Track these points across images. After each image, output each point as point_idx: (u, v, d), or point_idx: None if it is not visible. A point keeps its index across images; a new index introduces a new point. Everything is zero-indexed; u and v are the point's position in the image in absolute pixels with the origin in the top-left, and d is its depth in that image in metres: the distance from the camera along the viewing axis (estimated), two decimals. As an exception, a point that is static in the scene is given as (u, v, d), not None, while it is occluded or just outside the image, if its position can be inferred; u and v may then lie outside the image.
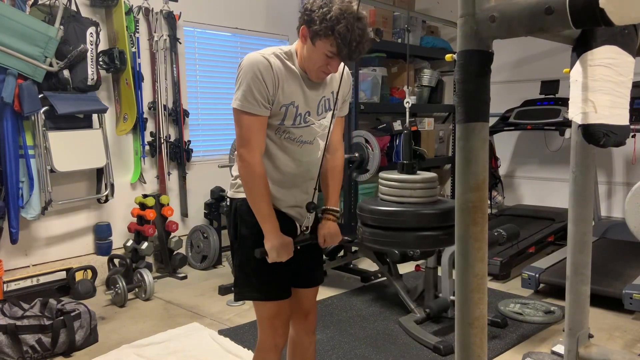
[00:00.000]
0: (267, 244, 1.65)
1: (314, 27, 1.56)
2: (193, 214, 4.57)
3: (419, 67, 5.67)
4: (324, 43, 1.57)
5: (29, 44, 3.21)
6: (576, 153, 1.95)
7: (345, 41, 1.53)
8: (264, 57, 1.61)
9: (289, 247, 1.68)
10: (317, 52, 1.60)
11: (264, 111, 1.62)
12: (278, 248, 1.65)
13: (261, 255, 1.66)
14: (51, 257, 3.74)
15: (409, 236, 1.49)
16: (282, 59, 1.65)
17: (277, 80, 1.61)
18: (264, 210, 1.66)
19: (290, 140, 1.70)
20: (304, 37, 1.62)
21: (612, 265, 3.67)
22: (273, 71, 1.60)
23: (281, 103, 1.64)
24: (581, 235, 2.00)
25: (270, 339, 1.78)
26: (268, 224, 1.66)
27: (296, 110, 1.67)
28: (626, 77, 1.55)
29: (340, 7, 1.53)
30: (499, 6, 1.10)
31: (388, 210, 1.46)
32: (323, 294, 3.62)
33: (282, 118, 1.66)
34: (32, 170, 3.36)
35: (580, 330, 2.05)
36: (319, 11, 1.54)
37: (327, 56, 1.59)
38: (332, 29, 1.53)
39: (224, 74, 4.79)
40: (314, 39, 1.58)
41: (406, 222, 1.45)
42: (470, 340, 1.18)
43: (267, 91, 1.60)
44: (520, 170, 5.57)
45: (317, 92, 1.72)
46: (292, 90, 1.66)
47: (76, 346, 2.80)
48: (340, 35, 1.53)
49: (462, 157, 1.16)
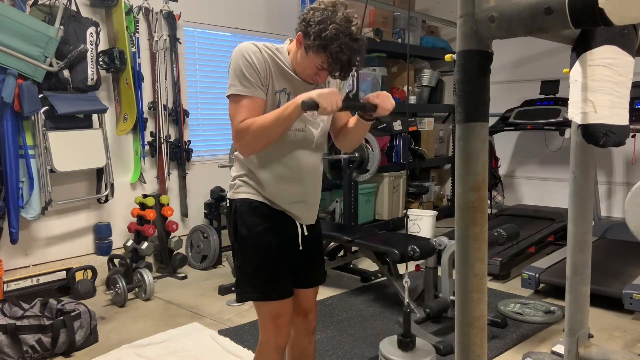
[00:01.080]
0: (309, 94, 1.51)
1: (307, 41, 1.56)
2: (193, 214, 4.57)
3: (419, 67, 5.67)
4: (316, 57, 1.57)
5: (29, 44, 3.21)
6: (576, 153, 1.95)
7: (336, 61, 1.53)
8: (253, 44, 1.62)
9: (335, 93, 1.52)
10: (309, 61, 1.60)
11: (258, 92, 1.61)
12: (324, 93, 1.50)
13: (308, 107, 1.48)
14: (51, 257, 3.74)
15: None
16: (272, 51, 1.65)
17: (267, 65, 1.62)
18: (278, 112, 1.56)
19: (287, 130, 1.69)
20: (299, 43, 1.62)
21: (612, 265, 3.67)
22: (263, 56, 1.61)
23: (275, 88, 1.65)
24: (581, 235, 2.00)
25: (273, 338, 1.77)
26: (291, 103, 1.55)
27: (288, 97, 1.67)
28: (626, 77, 1.55)
29: (338, 27, 1.50)
30: (499, 6, 1.10)
31: None
32: (323, 294, 3.62)
33: (277, 105, 1.65)
34: (32, 170, 3.36)
35: (580, 330, 2.05)
36: (315, 27, 1.53)
37: (317, 68, 1.60)
38: (325, 47, 1.52)
39: (224, 74, 4.76)
40: (307, 49, 1.58)
41: None
42: (470, 340, 1.18)
43: (258, 73, 1.60)
44: (520, 170, 5.58)
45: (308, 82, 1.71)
46: (282, 79, 1.66)
47: (76, 346, 2.80)
48: (332, 55, 1.52)
49: (462, 157, 1.16)
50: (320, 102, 1.49)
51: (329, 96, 1.50)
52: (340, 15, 1.52)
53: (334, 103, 1.51)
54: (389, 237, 3.60)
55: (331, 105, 1.50)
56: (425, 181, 5.93)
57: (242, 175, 1.76)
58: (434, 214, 4.95)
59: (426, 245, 3.04)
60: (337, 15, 1.52)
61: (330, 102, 1.50)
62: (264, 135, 1.59)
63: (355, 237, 3.51)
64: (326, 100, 1.49)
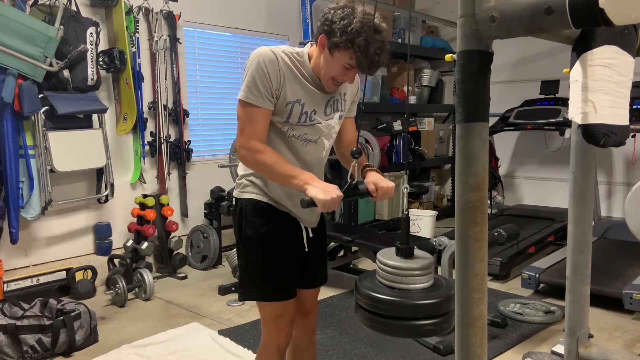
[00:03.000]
0: (311, 191, 1.53)
1: (333, 39, 1.55)
2: (193, 214, 4.57)
3: (419, 67, 5.67)
4: (342, 55, 1.56)
5: (29, 44, 3.21)
6: (576, 153, 1.95)
7: (365, 54, 1.53)
8: (272, 51, 1.60)
9: (336, 190, 1.54)
10: (335, 62, 1.59)
11: (267, 104, 1.61)
12: (324, 188, 1.53)
13: (307, 205, 1.52)
14: (51, 257, 3.74)
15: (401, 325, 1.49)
16: (291, 58, 1.64)
17: (281, 76, 1.60)
18: (290, 171, 1.58)
19: (294, 138, 1.69)
20: (322, 46, 1.61)
21: (612, 265, 3.67)
22: (279, 66, 1.59)
23: (287, 99, 1.63)
24: (581, 235, 2.00)
25: (274, 339, 1.78)
26: (302, 176, 1.56)
27: (302, 108, 1.66)
28: (626, 77, 1.55)
29: (362, 20, 1.52)
30: (499, 6, 1.10)
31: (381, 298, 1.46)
32: (323, 294, 3.62)
33: (288, 115, 1.65)
34: (32, 170, 3.36)
35: (580, 330, 2.05)
36: (340, 23, 1.53)
37: (344, 67, 1.59)
38: (352, 41, 1.52)
39: (224, 74, 4.80)
40: (333, 49, 1.57)
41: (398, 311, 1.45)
42: (470, 340, 1.18)
43: (270, 84, 1.59)
44: (520, 170, 5.58)
45: (325, 92, 1.71)
46: (298, 89, 1.65)
47: (76, 346, 2.80)
48: (360, 49, 1.52)
49: (462, 157, 1.16)
50: (319, 203, 1.51)
51: (329, 198, 1.50)
52: (360, 10, 1.55)
53: (332, 204, 1.51)
54: (389, 237, 3.60)
55: (329, 207, 1.52)
56: (425, 181, 5.94)
57: (248, 174, 1.76)
58: (434, 214, 4.95)
59: (426, 245, 3.04)
60: (358, 10, 1.55)
61: (330, 204, 1.51)
62: (264, 173, 1.64)
63: (355, 237, 3.51)
64: (325, 205, 1.51)
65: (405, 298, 1.44)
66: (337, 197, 1.52)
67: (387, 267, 1.47)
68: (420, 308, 1.43)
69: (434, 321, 1.45)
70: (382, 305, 1.44)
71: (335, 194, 1.52)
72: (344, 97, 1.78)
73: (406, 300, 1.44)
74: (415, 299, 1.43)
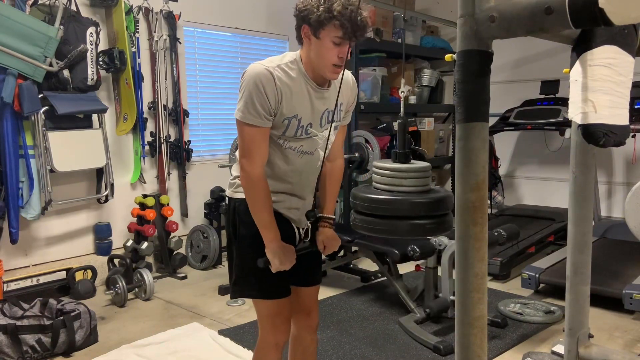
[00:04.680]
0: (269, 253, 1.67)
1: (312, 19, 1.57)
2: (193, 214, 4.57)
3: (419, 67, 5.67)
4: (327, 31, 1.58)
5: (29, 44, 3.21)
6: (576, 153, 1.95)
7: (347, 18, 1.55)
8: (267, 69, 1.60)
9: (292, 255, 1.70)
10: (324, 43, 1.59)
11: (266, 123, 1.62)
12: (281, 256, 1.66)
13: (264, 265, 1.67)
14: (51, 257, 3.74)
15: (400, 224, 1.51)
16: (286, 72, 1.64)
17: (279, 93, 1.61)
18: (265, 219, 1.67)
19: (290, 150, 1.71)
20: (307, 37, 1.62)
21: (612, 265, 3.67)
22: (275, 84, 1.60)
23: (284, 115, 1.64)
24: (581, 235, 2.00)
25: (271, 337, 1.79)
26: (269, 233, 1.68)
27: (298, 122, 1.67)
28: (626, 77, 1.55)
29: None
30: (499, 6, 1.10)
31: (379, 198, 1.48)
32: (323, 294, 3.62)
33: (284, 130, 1.67)
34: (32, 170, 3.36)
35: (580, 330, 2.05)
36: (313, 6, 1.57)
37: (334, 44, 1.59)
38: (330, 10, 1.55)
39: (224, 74, 4.79)
40: (317, 30, 1.59)
41: (397, 210, 1.47)
42: (470, 340, 1.18)
43: (268, 104, 1.60)
44: (520, 170, 5.57)
45: (323, 102, 1.72)
46: (297, 104, 1.65)
47: (76, 346, 2.80)
48: (340, 14, 1.54)
49: (462, 157, 1.16)
50: (272, 267, 1.67)
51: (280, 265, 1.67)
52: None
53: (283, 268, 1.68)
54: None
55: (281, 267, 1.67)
56: (425, 181, 5.92)
57: None
58: (434, 214, 4.94)
59: (426, 245, 3.04)
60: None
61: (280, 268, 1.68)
62: (247, 198, 1.69)
63: (355, 237, 3.51)
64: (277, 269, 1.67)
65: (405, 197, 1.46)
66: (288, 264, 1.69)
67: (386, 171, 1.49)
68: (419, 206, 1.45)
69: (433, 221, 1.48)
70: (382, 206, 1.47)
71: (288, 261, 1.68)
72: (340, 107, 1.78)
73: (406, 198, 1.46)
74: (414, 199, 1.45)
